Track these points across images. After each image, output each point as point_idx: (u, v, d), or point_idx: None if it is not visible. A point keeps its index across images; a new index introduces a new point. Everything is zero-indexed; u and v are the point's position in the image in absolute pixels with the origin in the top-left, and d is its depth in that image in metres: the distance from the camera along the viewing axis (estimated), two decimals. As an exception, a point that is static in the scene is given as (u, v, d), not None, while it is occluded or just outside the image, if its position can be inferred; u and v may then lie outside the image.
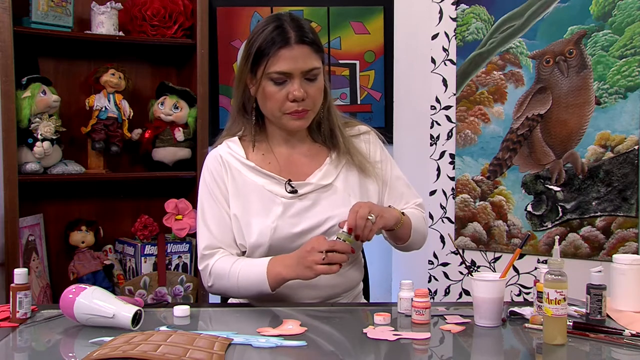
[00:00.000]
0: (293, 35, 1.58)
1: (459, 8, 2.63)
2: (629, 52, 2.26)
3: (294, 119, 1.63)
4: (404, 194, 1.78)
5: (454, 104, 2.65)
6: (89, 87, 2.62)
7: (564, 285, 1.30)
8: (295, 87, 1.58)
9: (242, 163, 1.70)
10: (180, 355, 1.16)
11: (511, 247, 2.52)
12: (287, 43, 1.58)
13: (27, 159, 2.39)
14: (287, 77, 1.59)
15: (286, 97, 1.60)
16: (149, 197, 2.78)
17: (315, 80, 1.62)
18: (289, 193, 1.66)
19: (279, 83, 1.60)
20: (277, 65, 1.58)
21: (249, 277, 1.59)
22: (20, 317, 1.45)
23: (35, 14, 2.38)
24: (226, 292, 1.68)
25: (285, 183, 1.67)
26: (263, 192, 1.67)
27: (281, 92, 1.60)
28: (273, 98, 1.61)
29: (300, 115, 1.62)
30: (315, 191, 1.68)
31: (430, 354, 1.30)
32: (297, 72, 1.59)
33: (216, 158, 1.72)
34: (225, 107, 2.93)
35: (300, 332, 1.36)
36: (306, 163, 1.72)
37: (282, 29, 1.58)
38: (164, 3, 2.62)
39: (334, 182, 1.70)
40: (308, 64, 1.59)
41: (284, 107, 1.61)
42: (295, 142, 1.73)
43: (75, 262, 2.54)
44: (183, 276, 2.61)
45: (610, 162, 2.31)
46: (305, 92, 1.60)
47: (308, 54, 1.60)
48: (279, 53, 1.57)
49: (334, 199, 1.68)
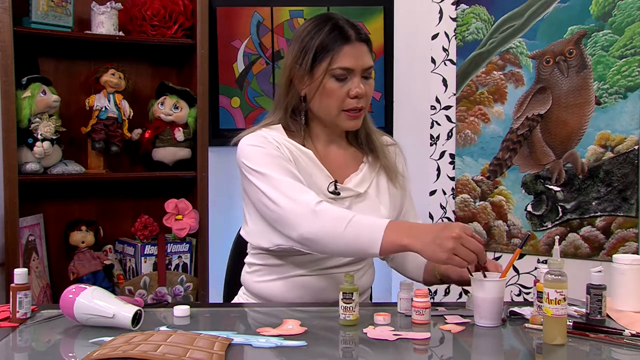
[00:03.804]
0: (353, 33, 1.61)
1: (459, 8, 2.63)
2: (629, 52, 2.26)
3: (349, 119, 1.64)
4: (409, 212, 1.79)
5: (454, 104, 2.65)
6: (89, 87, 2.62)
7: (564, 285, 1.30)
8: (356, 83, 1.61)
9: (296, 147, 1.65)
10: (180, 355, 1.16)
11: (511, 247, 2.52)
12: (350, 40, 1.60)
13: (27, 159, 2.39)
14: (349, 74, 1.61)
15: (347, 94, 1.61)
16: (149, 197, 2.78)
17: (370, 78, 1.65)
18: (330, 193, 1.65)
19: (340, 79, 1.61)
20: (341, 61, 1.60)
21: (358, 230, 1.46)
22: (20, 317, 1.44)
23: (35, 14, 2.38)
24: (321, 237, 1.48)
25: (330, 182, 1.65)
26: (309, 181, 1.63)
27: (342, 89, 1.61)
28: (334, 95, 1.62)
29: (357, 115, 1.64)
30: (350, 197, 1.67)
31: (430, 354, 1.30)
32: (359, 69, 1.61)
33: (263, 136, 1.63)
34: (225, 107, 2.93)
35: (300, 332, 1.36)
36: (343, 165, 1.72)
37: (342, 27, 1.61)
38: (164, 3, 2.62)
39: (368, 190, 1.70)
40: (367, 62, 1.63)
41: (344, 104, 1.62)
42: (336, 144, 1.73)
43: (75, 262, 2.54)
44: (183, 276, 2.61)
45: (610, 162, 2.31)
46: (363, 89, 1.62)
47: (366, 52, 1.63)
48: (343, 49, 1.59)
49: (366, 205, 1.67)
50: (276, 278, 1.67)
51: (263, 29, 2.91)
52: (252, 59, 2.92)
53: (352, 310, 1.42)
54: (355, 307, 1.42)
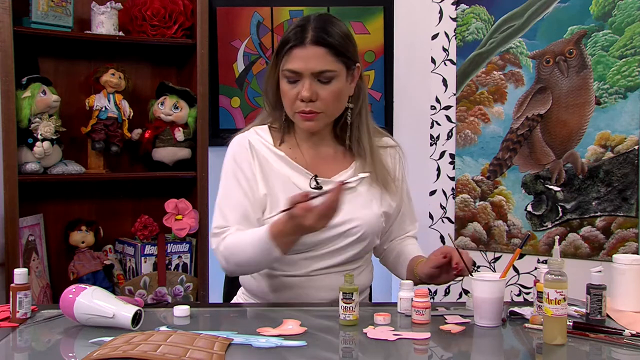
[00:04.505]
0: (310, 35, 1.59)
1: (459, 8, 2.63)
2: (629, 52, 2.26)
3: (303, 120, 1.63)
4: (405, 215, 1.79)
5: (454, 104, 2.65)
6: (89, 87, 2.62)
7: (564, 285, 1.30)
8: (305, 87, 1.59)
9: (270, 151, 1.69)
10: (180, 355, 1.16)
11: (511, 247, 2.52)
12: (302, 43, 1.59)
13: (27, 159, 2.39)
14: (298, 77, 1.60)
15: (296, 96, 1.61)
16: (149, 197, 2.77)
17: (328, 83, 1.61)
18: (313, 189, 1.65)
19: (291, 81, 1.61)
20: (289, 63, 1.60)
21: (253, 244, 1.55)
22: (20, 317, 1.44)
23: (35, 14, 2.38)
24: (241, 267, 1.64)
25: (311, 178, 1.67)
26: (288, 183, 1.66)
27: (292, 90, 1.61)
28: (286, 96, 1.63)
29: (308, 117, 1.62)
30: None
31: (430, 354, 1.30)
32: (307, 73, 1.59)
33: (243, 142, 1.71)
34: (225, 107, 2.93)
35: (300, 332, 1.36)
36: (331, 164, 1.72)
37: (302, 29, 1.60)
38: (164, 3, 2.61)
39: (358, 187, 1.69)
40: (320, 66, 1.59)
41: (294, 106, 1.63)
42: (319, 141, 1.73)
43: (75, 262, 2.54)
44: (183, 276, 2.61)
45: (610, 162, 2.31)
46: (317, 93, 1.60)
47: (322, 56, 1.59)
48: (293, 52, 1.59)
49: (357, 201, 1.67)
50: (271, 278, 1.68)
51: (263, 29, 2.91)
52: (252, 59, 2.92)
53: (352, 310, 1.42)
54: (355, 307, 1.42)
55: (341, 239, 1.65)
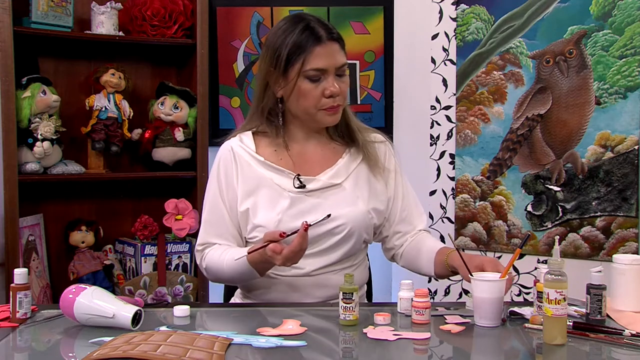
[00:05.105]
0: (323, 32, 1.63)
1: (459, 8, 2.63)
2: (629, 52, 2.26)
3: (328, 115, 1.66)
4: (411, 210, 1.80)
5: (454, 104, 2.65)
6: (89, 87, 2.62)
7: (564, 285, 1.30)
8: (330, 83, 1.63)
9: (251, 156, 1.72)
10: (180, 355, 1.16)
11: (511, 247, 2.52)
12: (321, 40, 1.62)
13: (27, 159, 2.39)
14: (322, 74, 1.63)
15: (322, 94, 1.63)
16: (149, 197, 2.78)
17: (344, 75, 1.67)
18: (297, 188, 1.67)
19: (314, 80, 1.63)
20: (314, 62, 1.61)
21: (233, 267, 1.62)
22: (20, 317, 1.45)
23: (35, 14, 2.38)
24: (225, 282, 1.82)
25: (294, 177, 1.68)
26: (271, 185, 1.68)
27: (317, 89, 1.63)
28: (309, 95, 1.64)
29: (334, 110, 1.66)
30: (323, 189, 1.69)
31: (430, 354, 1.30)
32: (332, 68, 1.63)
33: (227, 150, 1.75)
34: (225, 107, 2.93)
35: (300, 332, 1.36)
36: (319, 161, 1.73)
37: (313, 28, 1.63)
38: (164, 3, 2.62)
39: (343, 183, 1.71)
40: (340, 60, 1.65)
41: (320, 104, 1.64)
42: (315, 140, 1.75)
43: (75, 262, 2.54)
44: (183, 276, 2.61)
45: (610, 162, 2.31)
46: (338, 87, 1.64)
47: (338, 50, 1.65)
48: (315, 51, 1.61)
49: (342, 198, 1.69)
50: (266, 278, 1.68)
51: (263, 29, 2.91)
52: (252, 59, 2.92)
53: (352, 310, 1.42)
54: (355, 307, 1.42)
55: (327, 237, 1.67)
